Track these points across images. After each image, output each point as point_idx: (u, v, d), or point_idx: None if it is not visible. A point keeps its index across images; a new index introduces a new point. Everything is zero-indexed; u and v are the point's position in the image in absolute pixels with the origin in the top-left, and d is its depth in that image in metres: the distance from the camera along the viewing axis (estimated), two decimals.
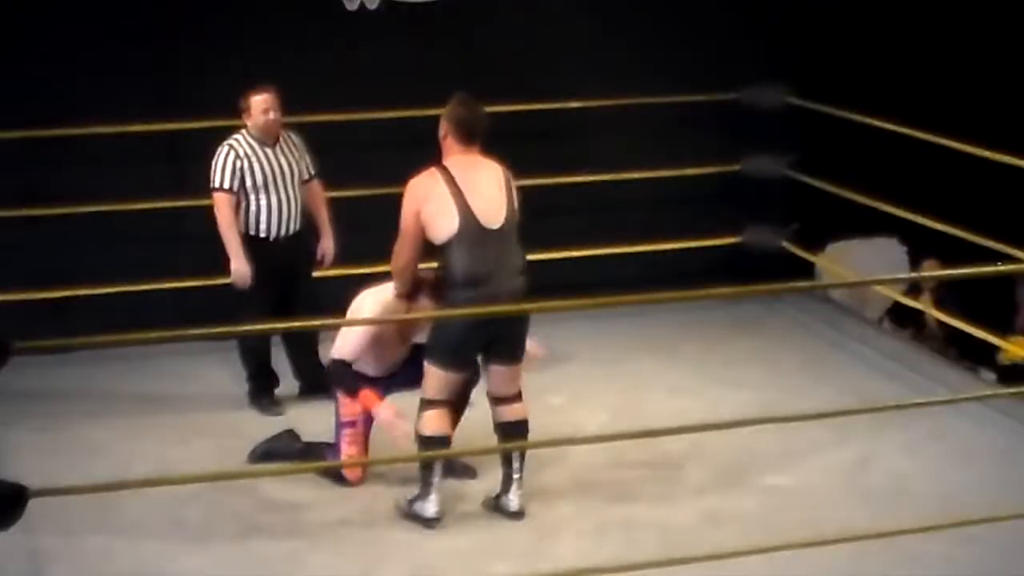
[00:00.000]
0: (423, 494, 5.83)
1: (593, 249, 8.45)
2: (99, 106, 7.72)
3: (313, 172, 7.09)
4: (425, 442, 5.81)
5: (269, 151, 6.90)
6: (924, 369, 7.68)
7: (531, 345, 6.00)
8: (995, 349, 8.12)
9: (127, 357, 7.59)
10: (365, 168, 7.86)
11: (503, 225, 5.78)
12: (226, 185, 6.85)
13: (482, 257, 5.73)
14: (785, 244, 8.88)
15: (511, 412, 5.95)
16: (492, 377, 5.95)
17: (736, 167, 8.86)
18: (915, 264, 9.00)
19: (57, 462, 6.39)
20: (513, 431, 5.95)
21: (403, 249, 5.83)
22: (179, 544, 5.76)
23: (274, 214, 6.91)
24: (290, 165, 6.96)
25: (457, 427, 6.11)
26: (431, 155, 7.00)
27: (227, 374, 7.35)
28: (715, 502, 6.10)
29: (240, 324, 6.55)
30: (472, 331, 5.77)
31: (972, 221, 7.35)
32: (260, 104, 6.86)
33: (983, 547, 5.49)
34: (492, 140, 7.15)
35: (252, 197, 6.87)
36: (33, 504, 3.91)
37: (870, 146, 8.52)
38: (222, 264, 7.03)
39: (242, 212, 6.91)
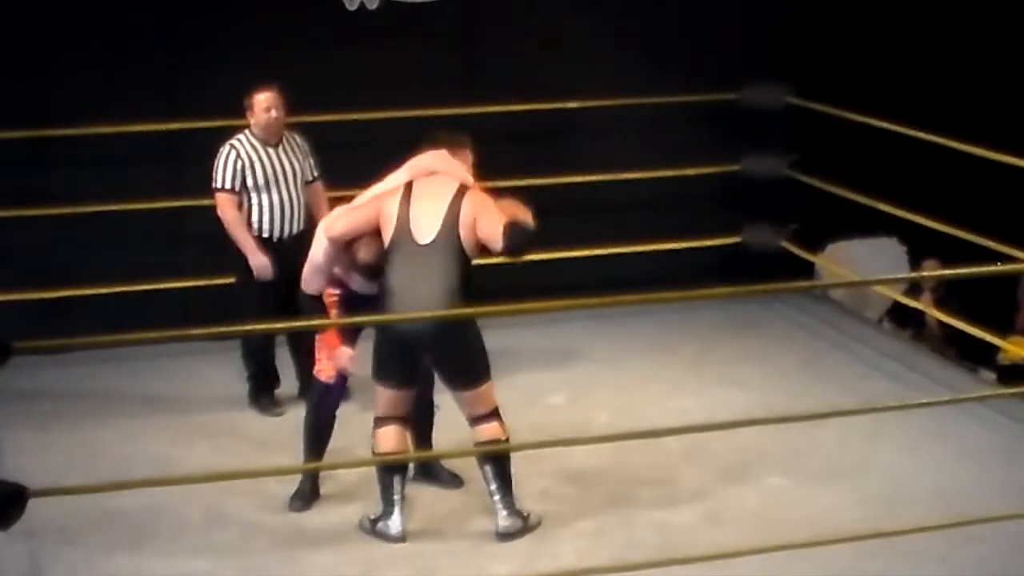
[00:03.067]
0: (385, 513, 5.78)
1: (593, 249, 8.45)
2: (99, 106, 7.73)
3: (316, 174, 7.09)
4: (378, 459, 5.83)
5: (272, 151, 6.91)
6: (924, 369, 7.69)
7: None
8: (995, 349, 8.11)
9: (127, 357, 7.59)
10: (365, 168, 7.84)
11: (434, 240, 5.69)
12: (227, 185, 6.85)
13: (404, 270, 5.68)
14: (785, 244, 8.88)
15: (481, 433, 5.85)
16: (456, 400, 5.89)
17: (736, 167, 8.86)
18: (915, 264, 9.00)
19: (57, 462, 6.40)
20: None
21: (348, 217, 5.82)
22: (179, 544, 5.76)
23: (276, 214, 6.91)
24: (292, 165, 6.96)
25: (433, 433, 6.17)
26: None
27: (227, 374, 7.35)
28: (715, 502, 6.10)
29: (242, 324, 6.54)
30: (389, 346, 5.72)
31: (972, 221, 7.36)
32: (263, 103, 6.87)
33: (983, 547, 5.49)
34: (493, 140, 7.16)
35: (254, 196, 6.88)
36: (33, 504, 3.91)
37: (870, 146, 8.52)
38: (224, 263, 7.03)
39: (244, 211, 6.91)
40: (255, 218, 6.91)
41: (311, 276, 5.95)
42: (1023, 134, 7.34)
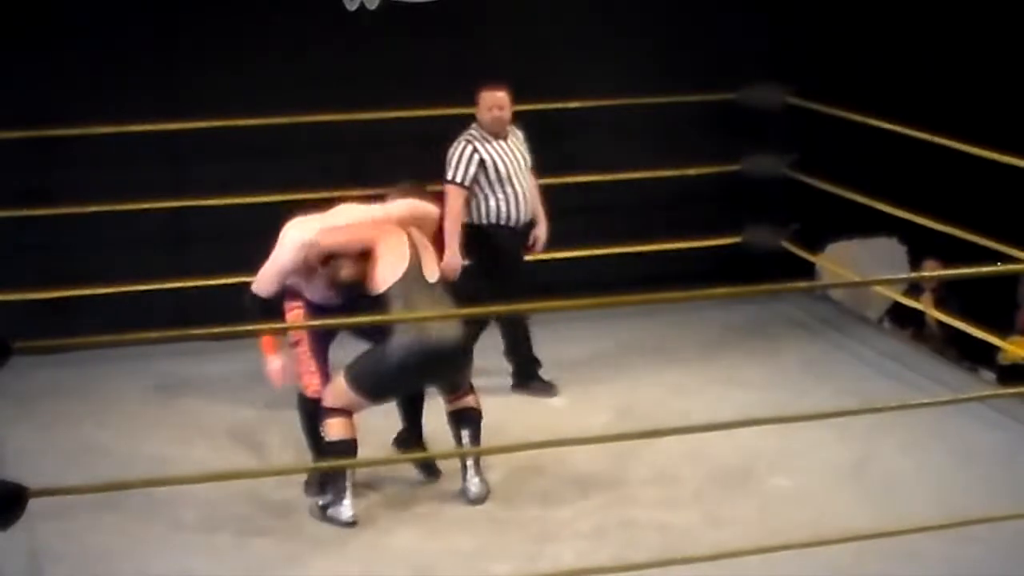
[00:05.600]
0: (336, 500, 5.85)
1: (593, 249, 8.45)
2: (99, 106, 7.73)
3: (530, 164, 7.20)
4: (330, 447, 5.88)
5: (503, 143, 7.01)
6: (924, 369, 7.68)
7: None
8: (995, 349, 8.11)
9: (127, 357, 7.59)
10: (365, 168, 7.87)
11: (437, 279, 5.98)
12: (458, 179, 6.90)
13: (420, 301, 5.85)
14: (785, 244, 8.88)
15: (460, 401, 6.09)
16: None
17: (736, 167, 8.86)
18: (915, 264, 9.00)
19: (57, 462, 6.40)
20: (461, 418, 6.08)
21: (348, 232, 5.95)
22: (179, 544, 5.76)
23: (518, 202, 7.02)
24: (523, 156, 7.09)
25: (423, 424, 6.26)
26: (430, 155, 7.01)
27: (228, 374, 7.35)
28: (715, 502, 6.09)
29: (482, 304, 6.58)
30: (405, 376, 5.86)
31: (972, 221, 7.36)
32: (488, 100, 6.96)
33: (983, 547, 5.49)
34: None
35: (497, 188, 6.97)
36: (33, 504, 3.91)
37: (870, 146, 8.53)
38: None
39: (484, 203, 6.98)
40: (502, 208, 6.99)
41: (270, 278, 5.94)
42: (1023, 134, 7.34)
